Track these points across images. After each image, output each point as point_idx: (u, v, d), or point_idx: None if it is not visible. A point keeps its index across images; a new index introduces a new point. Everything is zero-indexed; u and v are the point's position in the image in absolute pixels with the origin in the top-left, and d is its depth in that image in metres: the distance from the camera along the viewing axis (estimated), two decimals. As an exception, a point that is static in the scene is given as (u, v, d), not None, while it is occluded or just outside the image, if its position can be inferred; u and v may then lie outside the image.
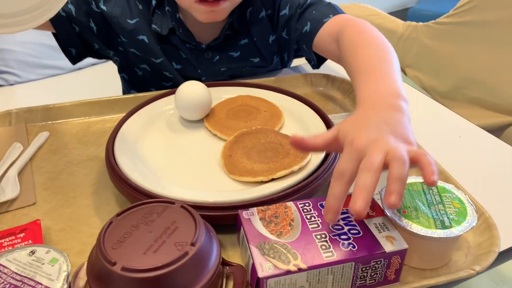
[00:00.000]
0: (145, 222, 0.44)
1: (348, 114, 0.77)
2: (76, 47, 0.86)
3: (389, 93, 0.53)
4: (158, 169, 0.59)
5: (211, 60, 0.85)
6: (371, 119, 0.49)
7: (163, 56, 0.84)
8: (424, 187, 0.51)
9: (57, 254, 0.43)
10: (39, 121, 0.75)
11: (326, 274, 0.43)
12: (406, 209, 0.48)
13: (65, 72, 1.86)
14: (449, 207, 0.48)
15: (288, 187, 0.53)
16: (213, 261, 0.43)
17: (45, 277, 0.40)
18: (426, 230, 0.45)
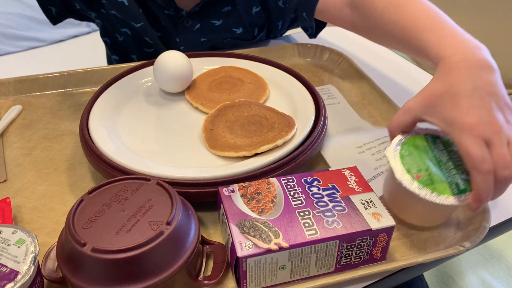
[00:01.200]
0: (118, 200, 0.42)
1: (330, 87, 0.74)
2: (56, 5, 0.81)
3: (474, 48, 0.47)
4: (135, 145, 0.56)
5: (191, 29, 0.81)
6: (469, 89, 0.43)
7: (143, 21, 0.80)
8: (429, 140, 0.48)
9: (24, 234, 0.40)
10: (11, 94, 0.72)
11: (309, 252, 0.41)
12: (419, 173, 0.45)
13: (45, 44, 1.80)
14: (458, 163, 0.45)
15: (272, 162, 0.50)
16: (190, 240, 0.41)
17: (11, 259, 0.38)
18: (444, 197, 0.43)
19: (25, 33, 1.75)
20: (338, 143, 0.59)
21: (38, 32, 1.77)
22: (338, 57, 0.80)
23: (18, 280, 0.36)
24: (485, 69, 0.44)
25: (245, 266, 0.40)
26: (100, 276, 0.37)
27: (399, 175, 0.44)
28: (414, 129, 0.48)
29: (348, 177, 0.48)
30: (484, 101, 0.43)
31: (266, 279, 0.42)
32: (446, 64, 0.46)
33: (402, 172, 0.44)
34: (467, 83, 0.44)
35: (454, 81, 0.44)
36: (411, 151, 0.46)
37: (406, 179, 0.44)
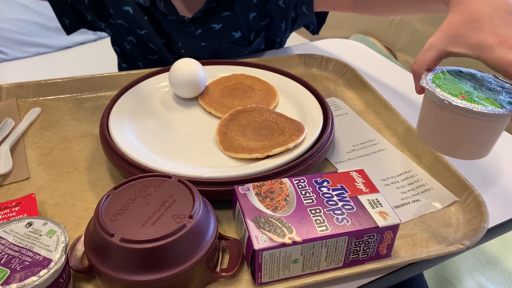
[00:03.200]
0: (142, 196, 0.44)
1: (335, 99, 0.77)
2: (69, 17, 0.85)
3: None
4: (153, 146, 0.59)
5: (193, 34, 0.84)
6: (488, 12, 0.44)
7: (147, 28, 0.83)
8: (453, 74, 0.49)
9: (54, 226, 0.43)
10: (30, 97, 0.75)
11: (320, 247, 0.44)
12: (462, 94, 0.45)
13: (53, 50, 1.83)
14: (491, 88, 0.47)
15: (283, 164, 0.53)
16: (210, 234, 0.44)
17: (43, 248, 0.41)
18: (498, 109, 0.43)
19: (33, 39, 1.79)
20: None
21: (46, 38, 1.81)
22: (343, 67, 0.83)
23: (51, 267, 0.39)
24: None
25: (261, 259, 0.43)
26: (127, 264, 0.40)
27: (444, 97, 0.44)
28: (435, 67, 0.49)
29: (356, 178, 0.51)
30: (505, 20, 0.44)
31: (279, 272, 0.45)
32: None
33: (446, 94, 0.44)
34: (484, 7, 0.45)
35: (471, 8, 0.46)
36: (444, 82, 0.47)
37: (453, 99, 0.44)
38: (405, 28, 1.55)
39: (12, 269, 0.39)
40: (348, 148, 0.64)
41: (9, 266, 0.39)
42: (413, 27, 1.52)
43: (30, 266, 0.39)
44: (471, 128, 0.44)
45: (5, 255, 0.40)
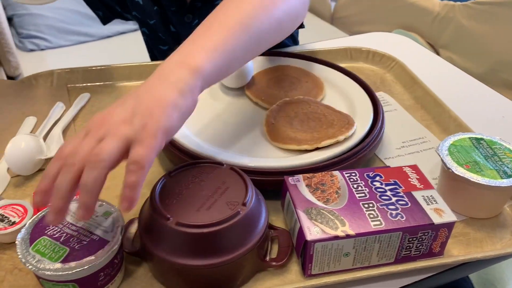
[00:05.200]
0: (196, 182, 0.45)
1: (383, 93, 0.76)
2: (101, 10, 0.87)
3: (176, 61, 0.43)
4: (201, 134, 0.59)
5: (190, 24, 0.83)
6: (128, 93, 0.42)
7: (156, 18, 0.83)
8: (474, 142, 0.53)
9: (110, 207, 0.44)
10: (80, 83, 0.76)
11: (373, 242, 0.43)
12: (468, 163, 0.50)
13: (94, 39, 1.88)
14: (503, 157, 0.51)
15: (334, 157, 0.53)
16: (262, 223, 0.43)
17: (100, 229, 0.41)
18: (494, 181, 0.47)
19: (76, 28, 1.83)
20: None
21: (87, 27, 1.85)
22: (391, 61, 0.81)
23: (107, 248, 0.40)
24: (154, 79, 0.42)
25: (312, 250, 0.42)
26: (181, 248, 0.40)
27: (450, 165, 0.50)
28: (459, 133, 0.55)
29: (409, 174, 0.49)
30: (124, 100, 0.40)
31: (329, 264, 0.44)
32: None
33: (453, 163, 0.50)
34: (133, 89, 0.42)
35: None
36: (459, 149, 0.52)
37: (457, 167, 0.49)
38: (450, 24, 1.51)
39: (71, 247, 0.40)
40: (397, 144, 0.63)
41: (68, 244, 0.40)
42: (459, 23, 1.47)
43: (87, 245, 0.40)
44: (473, 195, 0.50)
45: (63, 233, 0.41)
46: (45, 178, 0.38)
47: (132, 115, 0.38)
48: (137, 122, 0.38)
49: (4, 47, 1.50)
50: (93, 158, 0.36)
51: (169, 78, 0.41)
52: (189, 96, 0.41)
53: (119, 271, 0.43)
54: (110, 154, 0.36)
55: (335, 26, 2.06)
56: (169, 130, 0.39)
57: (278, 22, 0.51)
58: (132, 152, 0.37)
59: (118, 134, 0.37)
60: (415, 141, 0.64)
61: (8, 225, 0.47)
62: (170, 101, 0.39)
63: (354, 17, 2.00)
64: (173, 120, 0.40)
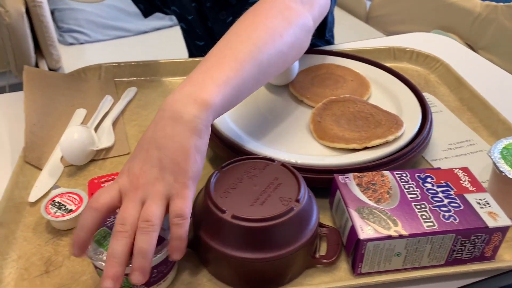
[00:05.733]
0: (248, 176, 0.45)
1: (427, 95, 0.75)
2: (142, 3, 0.89)
3: (188, 95, 0.43)
4: (248, 130, 0.60)
5: (225, 21, 0.83)
6: (144, 140, 0.42)
7: (193, 14, 0.84)
8: None
9: None
10: (127, 77, 0.78)
11: (425, 243, 0.43)
12: None
13: (131, 34, 1.91)
14: None
15: (384, 156, 0.53)
16: (313, 220, 0.44)
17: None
18: None
19: (114, 23, 1.87)
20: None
21: (125, 22, 1.89)
22: (435, 62, 0.80)
23: (163, 246, 0.41)
24: (169, 120, 0.42)
25: (364, 249, 0.43)
26: (236, 241, 0.41)
27: (503, 169, 0.49)
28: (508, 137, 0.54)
29: (461, 176, 0.49)
30: (146, 153, 0.41)
31: (380, 264, 0.44)
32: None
33: (506, 167, 0.49)
34: (146, 135, 0.42)
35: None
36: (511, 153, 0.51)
37: (510, 171, 0.48)
38: (491, 25, 1.47)
39: None
40: (443, 146, 0.62)
41: None
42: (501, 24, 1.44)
43: None
44: None
45: None
46: (82, 229, 0.39)
47: (161, 170, 0.40)
48: (168, 178, 0.40)
49: (47, 41, 1.55)
50: (145, 225, 0.38)
51: (183, 117, 0.42)
52: (205, 133, 0.43)
53: (172, 269, 0.43)
54: (158, 217, 0.39)
55: (370, 25, 2.04)
56: (197, 174, 0.42)
57: (283, 54, 0.53)
58: (172, 206, 0.40)
59: (157, 195, 0.40)
60: (462, 144, 0.63)
61: (65, 212, 0.49)
62: (191, 146, 0.41)
63: (389, 17, 1.97)
64: (198, 164, 0.42)
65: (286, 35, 0.52)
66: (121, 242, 0.38)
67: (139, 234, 0.38)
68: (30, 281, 0.45)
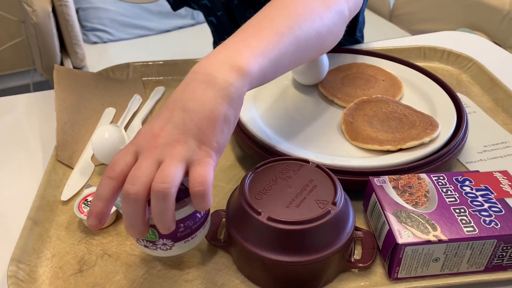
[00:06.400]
0: (283, 178, 0.45)
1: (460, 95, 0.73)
2: None
3: (223, 60, 0.41)
4: (279, 131, 0.59)
5: None
6: (170, 100, 0.39)
7: (222, 10, 0.83)
8: None
9: None
10: (154, 76, 0.78)
11: (465, 249, 0.42)
12: None
13: (153, 33, 1.92)
14: None
15: (419, 158, 0.51)
16: (350, 224, 0.43)
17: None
18: None
19: (136, 21, 1.88)
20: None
21: (148, 21, 1.90)
22: (467, 61, 0.78)
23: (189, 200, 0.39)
24: (202, 84, 0.39)
25: (402, 254, 0.42)
26: (271, 243, 0.41)
27: None
28: None
29: (500, 180, 0.48)
30: (170, 113, 0.38)
31: (417, 269, 0.43)
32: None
33: None
34: (175, 93, 0.40)
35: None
36: None
37: None
38: (522, 23, 1.43)
39: None
40: (478, 148, 0.61)
41: None
42: (531, 23, 1.40)
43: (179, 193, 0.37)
44: None
45: None
46: (100, 199, 0.36)
47: (184, 134, 0.37)
48: (191, 143, 0.37)
49: (73, 39, 1.57)
50: (161, 187, 0.35)
51: (216, 82, 0.39)
52: (238, 103, 0.40)
53: (201, 227, 0.42)
54: (175, 179, 0.35)
55: (394, 23, 2.01)
56: (222, 146, 0.39)
57: (322, 36, 0.50)
58: (193, 173, 0.36)
59: (177, 156, 0.36)
60: (497, 146, 0.61)
61: None
62: (221, 115, 0.38)
63: (413, 15, 1.94)
64: (225, 135, 0.39)
65: (326, 18, 0.50)
66: (133, 207, 0.35)
67: (155, 199, 0.35)
68: (64, 280, 0.45)
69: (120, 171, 0.37)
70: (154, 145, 0.37)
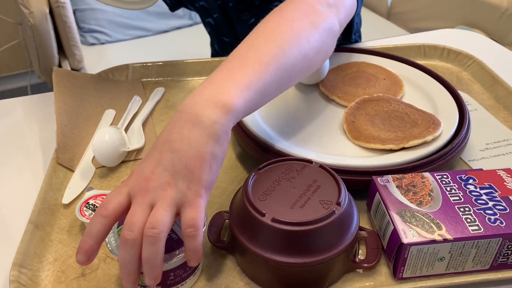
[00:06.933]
0: (286, 178, 0.45)
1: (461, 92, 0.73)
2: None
3: (208, 97, 0.41)
4: (281, 131, 0.59)
5: (247, 23, 0.82)
6: (159, 141, 0.40)
7: (218, 12, 0.83)
8: None
9: None
10: (154, 77, 0.78)
11: (470, 247, 0.42)
12: None
13: (151, 34, 1.92)
14: None
15: (422, 157, 0.51)
16: (354, 224, 0.43)
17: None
18: None
19: (134, 22, 1.88)
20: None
21: (145, 22, 1.89)
22: (468, 59, 0.78)
23: (180, 251, 0.40)
24: (187, 123, 0.40)
25: (407, 254, 0.41)
26: (275, 245, 0.40)
27: None
28: None
29: (504, 178, 0.47)
30: (159, 155, 0.39)
31: (422, 268, 0.43)
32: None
33: None
34: (161, 137, 0.40)
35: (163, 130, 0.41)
36: None
37: None
38: (520, 20, 1.43)
39: None
40: (481, 146, 0.60)
41: None
42: (529, 19, 1.40)
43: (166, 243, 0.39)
44: None
45: None
46: (90, 237, 0.38)
47: (174, 175, 0.38)
48: (181, 184, 0.38)
49: (70, 41, 1.56)
50: (151, 233, 0.36)
51: (202, 121, 0.40)
52: (224, 139, 0.41)
53: (192, 274, 0.43)
54: (165, 224, 0.37)
55: (391, 21, 2.01)
56: (211, 183, 0.40)
57: (308, 59, 0.50)
58: (184, 216, 0.38)
59: (167, 200, 0.37)
60: (499, 143, 0.61)
61: None
62: (208, 153, 0.39)
63: (411, 13, 1.94)
64: (213, 172, 0.40)
65: (313, 40, 0.50)
66: (130, 252, 0.36)
67: (145, 243, 0.36)
68: (67, 284, 0.45)
69: (112, 209, 0.38)
70: (146, 189, 0.38)
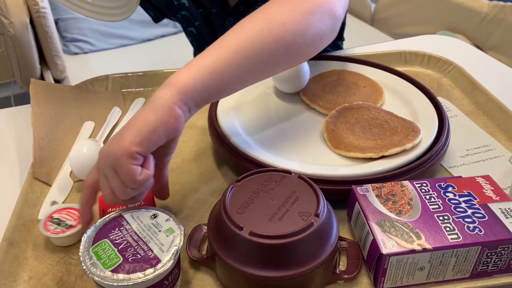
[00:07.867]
0: (265, 190, 0.44)
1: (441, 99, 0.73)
2: (152, 10, 0.89)
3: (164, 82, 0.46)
4: (261, 140, 0.58)
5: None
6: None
7: (199, 20, 0.83)
8: None
9: (175, 225, 0.42)
10: (134, 87, 0.77)
11: (450, 256, 0.42)
12: None
13: (135, 42, 1.90)
14: None
15: (402, 165, 0.51)
16: (334, 235, 0.42)
17: (157, 246, 0.40)
18: None
19: (118, 31, 1.87)
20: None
21: (129, 30, 1.88)
22: (448, 65, 0.79)
23: (158, 268, 0.39)
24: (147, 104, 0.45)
25: (387, 264, 0.41)
26: (254, 259, 0.40)
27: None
28: None
29: (483, 185, 0.47)
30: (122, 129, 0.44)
31: (403, 278, 0.43)
32: None
33: None
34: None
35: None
36: None
37: None
38: (500, 25, 1.45)
39: (125, 258, 0.39)
40: (461, 152, 0.61)
41: (124, 254, 0.40)
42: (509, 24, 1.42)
43: (140, 260, 0.39)
44: None
45: (124, 241, 0.41)
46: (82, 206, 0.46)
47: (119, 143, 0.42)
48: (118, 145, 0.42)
49: (52, 51, 1.55)
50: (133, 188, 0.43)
51: (152, 100, 0.45)
52: (164, 110, 0.43)
53: None
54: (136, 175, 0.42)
55: (375, 27, 2.03)
56: (142, 141, 0.42)
57: (287, 42, 0.50)
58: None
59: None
60: (479, 149, 0.62)
61: (65, 228, 0.48)
62: (141, 120, 0.43)
63: (395, 19, 1.96)
64: (145, 133, 0.42)
65: (291, 22, 0.50)
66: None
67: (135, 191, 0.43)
68: (42, 303, 0.43)
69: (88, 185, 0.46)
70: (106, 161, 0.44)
